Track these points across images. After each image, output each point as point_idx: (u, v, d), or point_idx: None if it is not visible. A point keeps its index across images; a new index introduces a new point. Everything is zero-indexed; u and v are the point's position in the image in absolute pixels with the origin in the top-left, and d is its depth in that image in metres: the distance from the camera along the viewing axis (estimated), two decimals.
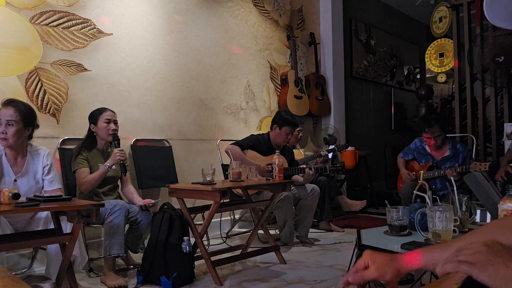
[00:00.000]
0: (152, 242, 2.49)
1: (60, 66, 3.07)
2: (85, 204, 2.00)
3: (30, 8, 2.92)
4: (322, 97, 5.12)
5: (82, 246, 2.34)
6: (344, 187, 5.15)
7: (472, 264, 0.66)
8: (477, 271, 0.65)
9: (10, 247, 2.13)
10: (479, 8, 4.50)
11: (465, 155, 3.34)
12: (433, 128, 3.27)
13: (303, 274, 2.63)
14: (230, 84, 4.28)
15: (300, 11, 5.18)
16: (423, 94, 6.05)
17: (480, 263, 0.65)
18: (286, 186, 2.87)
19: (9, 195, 1.86)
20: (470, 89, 4.66)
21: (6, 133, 2.18)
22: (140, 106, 3.53)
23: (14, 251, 2.66)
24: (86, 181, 2.62)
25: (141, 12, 3.58)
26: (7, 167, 2.26)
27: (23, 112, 2.22)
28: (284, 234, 3.36)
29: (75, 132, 3.09)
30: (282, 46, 4.89)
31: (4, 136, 2.18)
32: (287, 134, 3.35)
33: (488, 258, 0.65)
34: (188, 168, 3.80)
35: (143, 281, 2.45)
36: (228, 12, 4.30)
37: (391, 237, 1.76)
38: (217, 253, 2.82)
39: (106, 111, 2.78)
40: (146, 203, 2.66)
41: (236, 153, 3.15)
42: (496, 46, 4.17)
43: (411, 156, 3.59)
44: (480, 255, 0.66)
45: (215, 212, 2.47)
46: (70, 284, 2.11)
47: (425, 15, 6.26)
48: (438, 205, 1.67)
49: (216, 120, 4.12)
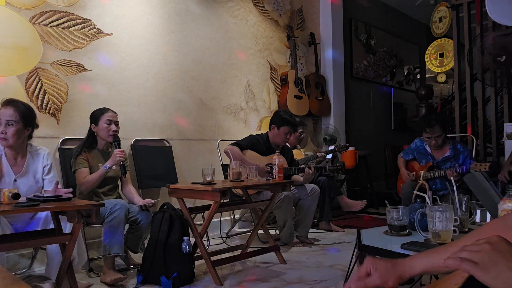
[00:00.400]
0: (152, 242, 2.49)
1: (60, 66, 3.07)
2: (85, 204, 2.00)
3: (30, 8, 2.92)
4: (322, 97, 5.12)
5: (82, 246, 2.35)
6: (344, 187, 5.15)
7: (475, 263, 0.64)
8: (480, 272, 0.63)
9: (10, 247, 2.13)
10: (479, 8, 4.50)
11: (466, 155, 3.34)
12: (433, 128, 3.26)
13: (303, 274, 2.63)
14: (230, 84, 4.28)
15: (300, 11, 5.18)
16: (423, 94, 6.05)
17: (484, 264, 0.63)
18: (286, 186, 2.87)
19: (9, 195, 1.86)
20: (470, 89, 4.66)
21: (6, 133, 2.18)
22: (140, 106, 3.53)
23: (14, 251, 2.66)
24: (86, 181, 2.62)
25: (141, 12, 3.58)
26: (7, 167, 2.26)
27: (23, 112, 2.22)
28: (284, 234, 3.36)
29: (75, 132, 3.09)
30: (282, 46, 4.89)
31: (4, 136, 2.18)
32: (286, 134, 3.34)
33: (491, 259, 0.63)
34: (188, 168, 3.80)
35: (143, 281, 2.45)
36: (228, 12, 4.30)
37: (391, 237, 1.76)
38: (217, 253, 2.81)
39: (107, 111, 2.77)
40: (146, 203, 2.66)
41: (235, 153, 3.15)
42: (496, 46, 4.17)
43: (411, 156, 3.59)
44: (484, 254, 0.64)
45: (215, 212, 2.47)
46: (70, 284, 2.11)
47: (425, 15, 6.26)
48: (438, 205, 1.67)
49: (216, 120, 4.12)
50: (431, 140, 3.31)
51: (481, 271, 0.63)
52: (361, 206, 4.00)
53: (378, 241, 1.69)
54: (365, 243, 1.67)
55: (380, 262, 0.93)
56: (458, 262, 0.65)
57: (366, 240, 1.69)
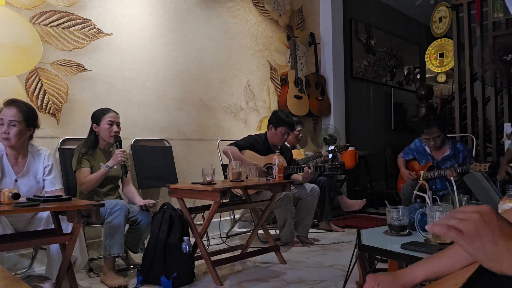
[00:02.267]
0: (152, 242, 2.49)
1: (60, 66, 3.07)
2: (85, 204, 2.00)
3: (30, 8, 2.92)
4: (322, 97, 5.12)
5: (82, 246, 2.34)
6: (344, 187, 5.15)
7: (460, 232, 0.63)
8: (464, 242, 0.63)
9: (10, 247, 2.13)
10: (479, 8, 4.50)
11: (465, 154, 3.33)
12: (431, 129, 3.25)
13: (303, 274, 2.63)
14: (230, 84, 4.28)
15: (300, 11, 5.18)
16: (423, 94, 6.05)
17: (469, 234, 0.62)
18: (286, 186, 2.87)
19: (9, 195, 1.86)
20: (470, 89, 4.66)
21: (8, 133, 2.18)
22: (140, 106, 3.53)
23: (14, 251, 2.66)
24: (87, 181, 2.62)
25: (141, 12, 3.58)
26: (8, 167, 2.26)
27: (25, 112, 2.23)
28: (284, 234, 3.36)
29: (75, 132, 3.09)
30: (282, 46, 4.89)
31: (7, 136, 2.18)
32: (283, 134, 3.34)
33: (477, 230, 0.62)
34: (188, 168, 3.80)
35: (143, 281, 2.45)
36: (228, 12, 4.29)
37: (391, 237, 1.76)
38: (217, 253, 2.82)
39: (109, 112, 2.76)
40: (147, 203, 2.66)
41: (234, 153, 3.15)
42: (496, 46, 4.18)
43: (411, 156, 3.58)
44: (470, 224, 0.63)
45: (215, 212, 2.47)
46: (70, 284, 2.11)
47: (425, 15, 6.26)
48: (438, 205, 1.67)
49: (216, 120, 4.12)
50: (430, 141, 3.30)
51: (465, 240, 0.63)
52: (360, 206, 4.00)
53: (378, 241, 1.69)
54: (365, 243, 1.66)
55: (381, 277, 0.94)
56: (445, 230, 0.64)
57: (366, 240, 1.69)
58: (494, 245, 0.61)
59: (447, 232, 0.64)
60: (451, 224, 0.64)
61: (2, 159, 2.25)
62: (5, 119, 2.18)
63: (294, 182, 3.36)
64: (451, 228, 0.64)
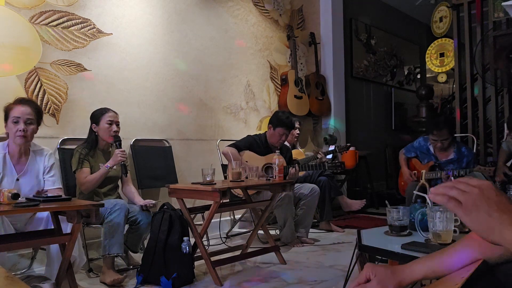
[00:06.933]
0: (152, 242, 2.49)
1: (59, 66, 3.06)
2: (85, 204, 2.00)
3: (29, 8, 2.92)
4: (322, 97, 5.11)
5: (81, 247, 2.34)
6: (344, 187, 5.14)
7: (459, 203, 0.67)
8: (461, 213, 0.67)
9: (10, 247, 2.12)
10: (479, 8, 4.49)
11: (470, 159, 3.30)
12: (441, 131, 3.22)
13: (303, 274, 2.63)
14: (230, 84, 4.27)
15: (300, 11, 5.17)
16: (423, 94, 6.04)
17: (466, 205, 0.66)
18: (286, 186, 2.87)
19: (8, 195, 1.86)
20: (471, 89, 4.65)
21: (26, 131, 2.24)
22: (140, 106, 3.53)
23: (14, 251, 2.66)
24: (87, 181, 2.62)
25: (141, 12, 3.57)
26: (10, 165, 2.26)
27: (38, 112, 2.32)
28: (284, 234, 3.36)
29: (75, 132, 3.09)
30: (282, 46, 4.88)
31: (24, 133, 2.23)
32: (281, 135, 3.34)
33: (475, 203, 0.66)
34: (188, 168, 3.79)
35: (143, 281, 2.44)
36: (228, 12, 4.29)
37: (391, 237, 1.75)
38: (217, 253, 2.81)
39: (108, 111, 2.76)
40: (147, 204, 2.66)
41: (234, 155, 3.16)
42: (496, 45, 4.17)
43: (413, 154, 3.56)
44: (469, 196, 0.67)
45: (215, 212, 2.47)
46: (69, 284, 2.11)
47: (425, 15, 6.26)
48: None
49: (216, 120, 4.11)
50: (437, 143, 3.28)
51: (462, 211, 0.67)
52: (360, 206, 4.00)
53: (378, 241, 1.68)
54: (365, 243, 1.66)
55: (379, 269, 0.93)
56: (446, 200, 0.68)
57: (366, 240, 1.69)
58: (488, 217, 0.65)
59: (447, 203, 0.68)
60: (452, 194, 0.68)
61: (5, 157, 2.26)
62: (22, 117, 2.24)
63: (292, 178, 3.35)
64: (451, 199, 0.68)
